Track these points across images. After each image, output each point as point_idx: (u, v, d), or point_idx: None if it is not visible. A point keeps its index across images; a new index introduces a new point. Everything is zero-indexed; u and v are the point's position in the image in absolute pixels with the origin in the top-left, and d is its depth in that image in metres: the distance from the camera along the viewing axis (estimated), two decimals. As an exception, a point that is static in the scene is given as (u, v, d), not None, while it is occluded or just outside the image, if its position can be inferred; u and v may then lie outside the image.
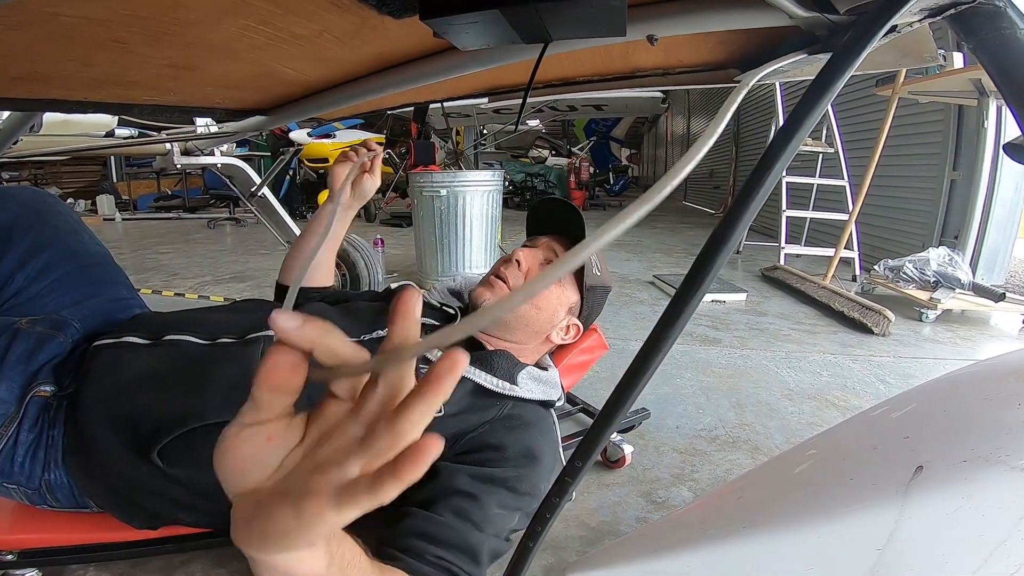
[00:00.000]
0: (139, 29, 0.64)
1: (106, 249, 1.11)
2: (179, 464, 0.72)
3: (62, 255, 1.01)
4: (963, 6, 0.54)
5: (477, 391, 0.82)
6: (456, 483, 0.71)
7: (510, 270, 0.95)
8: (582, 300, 1.00)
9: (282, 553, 0.29)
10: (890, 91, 2.99)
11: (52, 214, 1.05)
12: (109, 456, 0.73)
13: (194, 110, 1.16)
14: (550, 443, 0.84)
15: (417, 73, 0.91)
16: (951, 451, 0.56)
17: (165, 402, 0.74)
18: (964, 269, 2.82)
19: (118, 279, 1.08)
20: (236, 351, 0.79)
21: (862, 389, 1.80)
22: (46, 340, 0.83)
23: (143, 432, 0.72)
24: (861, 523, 0.58)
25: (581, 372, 1.48)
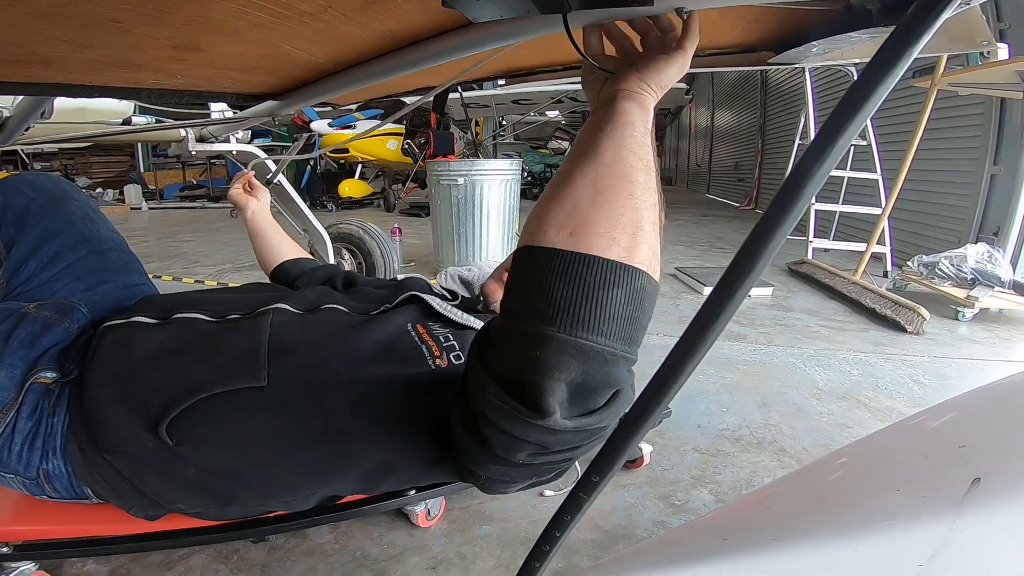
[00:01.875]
0: (132, 6, 0.61)
1: (120, 236, 1.11)
2: (188, 440, 0.70)
3: (75, 241, 1.00)
4: None
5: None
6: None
7: None
8: None
9: None
10: (928, 83, 2.86)
11: (66, 200, 1.05)
12: (116, 436, 0.71)
13: (205, 94, 1.13)
14: None
15: (429, 52, 0.86)
16: (1015, 462, 0.50)
17: (174, 375, 0.72)
18: (1004, 266, 2.69)
19: (131, 265, 1.08)
20: (246, 324, 0.78)
21: (895, 390, 1.72)
22: (51, 325, 0.82)
23: (153, 407, 0.70)
24: (906, 538, 0.52)
25: None
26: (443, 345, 0.75)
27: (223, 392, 0.69)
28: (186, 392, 0.69)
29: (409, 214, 6.51)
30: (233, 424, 0.70)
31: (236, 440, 0.71)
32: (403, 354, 0.73)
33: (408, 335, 0.77)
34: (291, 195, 1.83)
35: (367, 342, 0.74)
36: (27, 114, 1.27)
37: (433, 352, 0.74)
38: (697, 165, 12.36)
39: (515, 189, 3.00)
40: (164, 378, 0.72)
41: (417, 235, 4.71)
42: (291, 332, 0.76)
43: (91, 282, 0.99)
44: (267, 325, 0.77)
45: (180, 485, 0.74)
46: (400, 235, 3.55)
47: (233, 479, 0.74)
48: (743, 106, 8.83)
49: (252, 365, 0.71)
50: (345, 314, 0.83)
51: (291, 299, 0.85)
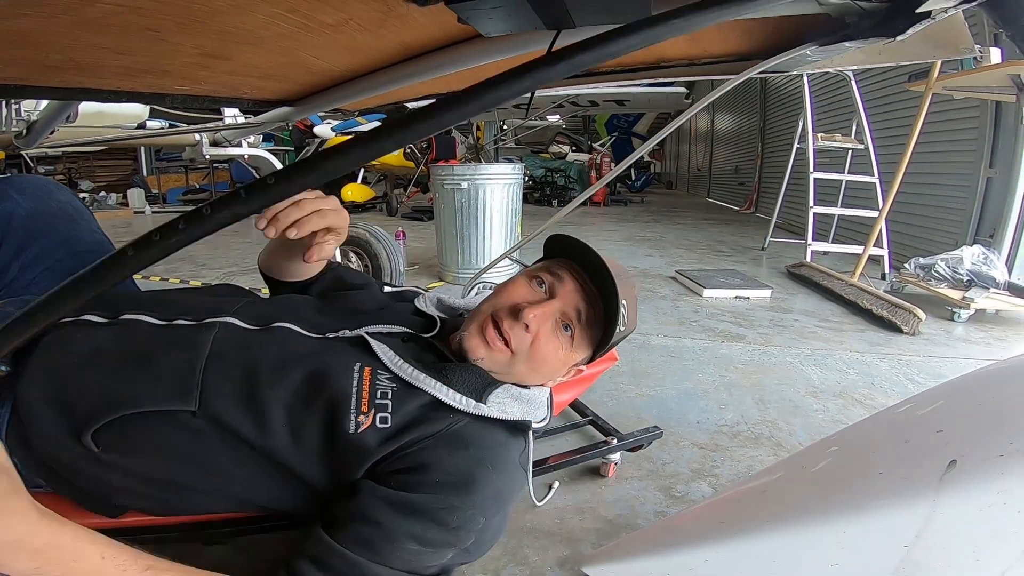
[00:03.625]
0: (172, 17, 0.65)
1: (103, 236, 1.10)
2: (113, 450, 0.70)
3: (56, 242, 1.00)
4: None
5: (433, 405, 0.73)
6: (368, 507, 0.64)
7: (515, 329, 0.78)
8: (593, 356, 0.86)
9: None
10: (923, 87, 2.90)
11: (51, 202, 1.04)
12: (45, 436, 0.70)
13: (223, 100, 1.18)
14: (501, 472, 0.72)
15: (440, 62, 0.91)
16: (987, 445, 0.54)
17: (103, 385, 0.70)
18: (999, 268, 2.73)
19: None
20: (188, 335, 0.75)
21: (890, 388, 1.76)
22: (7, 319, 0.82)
23: (78, 413, 0.69)
24: (889, 518, 0.56)
25: (585, 385, 1.38)
26: (375, 402, 0.70)
27: (152, 410, 0.68)
28: (113, 405, 0.68)
29: (412, 218, 6.55)
30: (159, 440, 0.69)
31: (162, 454, 0.70)
32: (332, 396, 0.70)
33: (348, 376, 0.72)
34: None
35: (300, 374, 0.71)
36: (53, 118, 1.32)
37: (361, 406, 0.69)
38: (698, 169, 12.42)
39: (517, 193, 3.05)
40: (93, 387, 0.70)
41: (420, 239, 4.75)
42: (230, 352, 0.73)
43: None
44: (208, 341, 0.73)
45: (110, 488, 0.74)
46: (404, 238, 3.59)
47: (162, 487, 0.74)
48: (743, 110, 8.88)
49: (184, 387, 0.69)
50: (295, 334, 0.78)
51: (246, 311, 0.80)
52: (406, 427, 0.70)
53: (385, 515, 0.63)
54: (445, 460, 0.68)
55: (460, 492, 0.67)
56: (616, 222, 6.41)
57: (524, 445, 0.80)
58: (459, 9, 0.52)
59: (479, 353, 0.78)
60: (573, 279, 0.82)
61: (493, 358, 0.79)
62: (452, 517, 0.65)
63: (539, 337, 0.78)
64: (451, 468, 0.68)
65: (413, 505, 0.64)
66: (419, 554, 0.64)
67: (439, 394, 0.72)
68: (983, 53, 2.54)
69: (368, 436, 0.68)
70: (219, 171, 9.43)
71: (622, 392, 1.66)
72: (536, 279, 0.83)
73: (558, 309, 0.80)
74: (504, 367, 0.79)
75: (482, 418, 0.74)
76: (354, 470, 0.68)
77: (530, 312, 0.77)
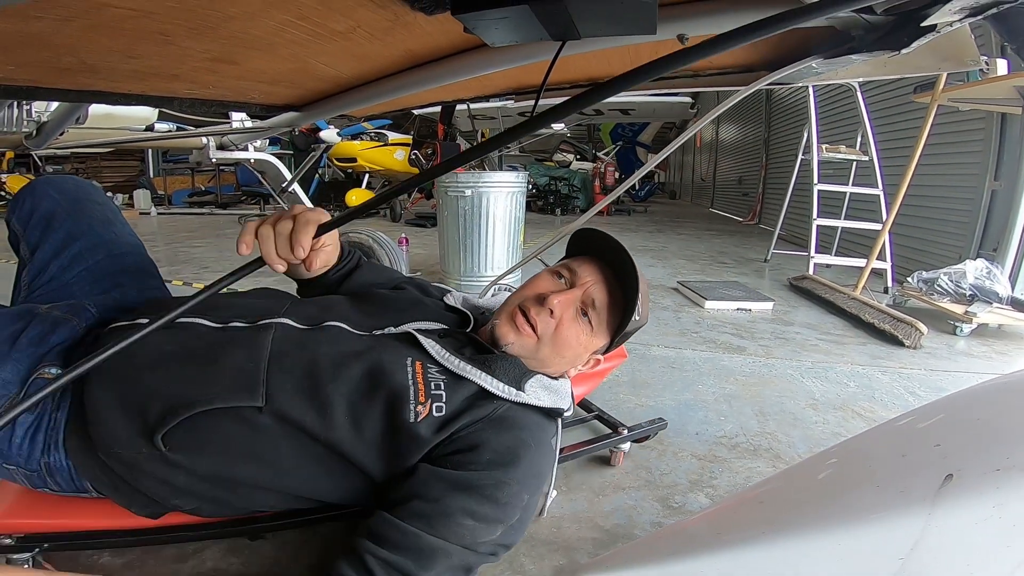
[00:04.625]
0: (183, 22, 0.66)
1: (139, 240, 1.14)
2: (181, 449, 0.73)
3: (94, 244, 1.04)
4: (1005, 5, 0.52)
5: (479, 393, 0.80)
6: (424, 485, 0.69)
7: (541, 316, 0.87)
8: (612, 344, 0.94)
9: None
10: (929, 98, 2.90)
11: (90, 204, 1.08)
12: (113, 438, 0.73)
13: (231, 104, 1.19)
14: (541, 452, 0.80)
15: (446, 70, 0.92)
16: (983, 460, 0.54)
17: (174, 386, 0.74)
18: (1002, 283, 2.73)
19: (146, 269, 1.10)
20: (246, 336, 0.79)
21: (890, 401, 1.76)
22: (60, 323, 0.84)
23: (151, 415, 0.72)
24: (885, 531, 0.56)
25: (597, 380, 1.47)
26: (431, 392, 0.76)
27: (221, 407, 0.72)
28: (185, 404, 0.71)
29: (415, 224, 6.57)
30: (227, 437, 0.73)
31: (228, 451, 0.74)
32: (391, 390, 0.75)
33: (404, 370, 0.77)
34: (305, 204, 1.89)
35: (360, 369, 0.76)
36: (63, 119, 1.34)
37: (419, 397, 0.75)
38: (701, 179, 12.43)
39: (521, 201, 3.05)
40: (163, 387, 0.73)
41: (423, 245, 4.77)
42: (290, 351, 0.77)
43: (106, 285, 1.02)
44: (268, 341, 0.78)
45: (172, 488, 0.77)
46: (407, 245, 3.60)
47: (224, 485, 0.77)
48: (748, 120, 8.89)
49: (251, 383, 0.73)
50: (346, 332, 0.83)
51: (294, 312, 0.85)
52: (457, 415, 0.76)
53: (441, 491, 0.68)
54: (494, 440, 0.75)
55: (508, 468, 0.73)
56: (619, 232, 6.41)
57: (556, 429, 0.87)
58: (465, 19, 0.53)
59: (510, 338, 0.87)
60: (593, 270, 0.91)
61: (522, 342, 0.87)
62: (501, 492, 0.71)
63: (563, 322, 0.87)
64: (499, 447, 0.74)
65: (468, 482, 0.70)
66: (473, 529, 0.68)
67: (485, 383, 0.79)
68: (989, 65, 2.55)
69: (426, 424, 0.73)
70: (225, 174, 9.50)
71: (622, 403, 1.66)
72: (557, 273, 0.92)
73: (578, 297, 0.89)
74: (532, 351, 0.88)
75: (521, 404, 0.81)
76: (411, 457, 0.74)
77: (554, 299, 0.86)
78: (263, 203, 7.68)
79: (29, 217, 1.04)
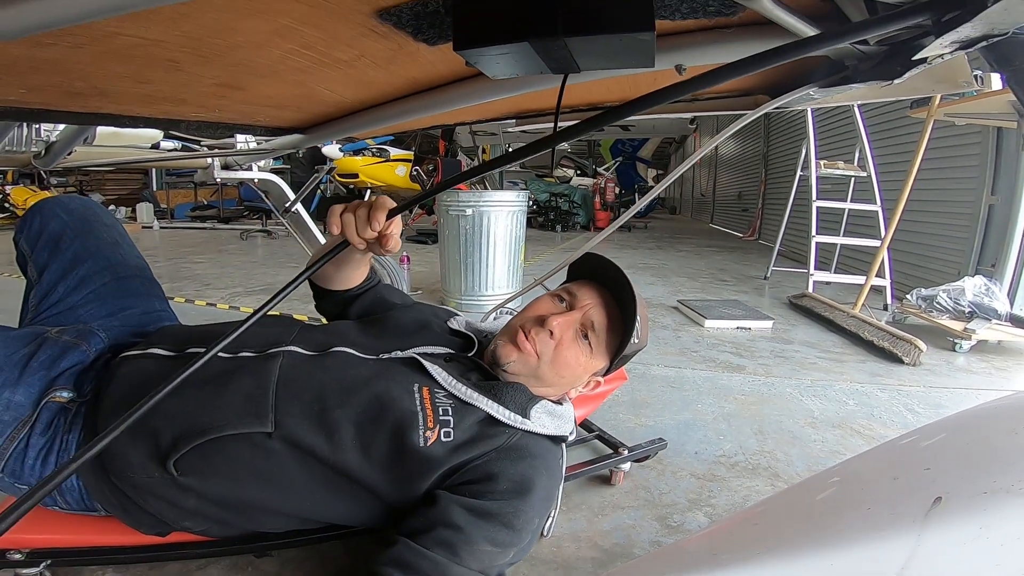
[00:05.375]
0: (192, 50, 0.68)
1: (145, 262, 1.15)
2: (192, 473, 0.75)
3: (101, 267, 1.05)
4: (995, 38, 0.54)
5: (488, 421, 0.82)
6: (447, 514, 0.71)
7: (541, 336, 0.89)
8: (611, 366, 0.96)
9: None
10: (925, 113, 2.92)
11: (98, 225, 1.10)
12: (125, 463, 0.75)
13: (237, 127, 1.22)
14: (551, 478, 0.82)
15: (447, 97, 0.95)
16: (972, 483, 0.55)
17: (185, 413, 0.76)
18: (1001, 299, 2.73)
19: (152, 292, 1.12)
20: (255, 364, 0.81)
21: (889, 419, 1.76)
22: (70, 348, 0.87)
23: (163, 441, 0.74)
24: (877, 552, 0.57)
25: (597, 402, 1.49)
26: (439, 418, 0.78)
27: (231, 434, 0.74)
28: (197, 431, 0.74)
29: (416, 241, 6.60)
30: (237, 462, 0.75)
31: (238, 476, 0.76)
32: (398, 416, 0.76)
33: (411, 396, 0.79)
34: (307, 223, 1.92)
35: (368, 394, 0.78)
36: (72, 139, 1.37)
37: (428, 422, 0.77)
38: (701, 194, 12.50)
39: (521, 220, 3.08)
40: (175, 414, 0.76)
41: (424, 263, 4.79)
42: (298, 377, 0.80)
43: (112, 308, 1.03)
44: (276, 368, 0.80)
45: (181, 511, 0.79)
46: (408, 263, 3.62)
47: (234, 508, 0.79)
48: (747, 136, 8.95)
49: (260, 410, 0.75)
50: (353, 357, 0.85)
51: (302, 339, 0.87)
52: (468, 442, 0.78)
53: (464, 520, 0.70)
54: (509, 469, 0.77)
55: (524, 496, 0.75)
56: (619, 249, 6.44)
57: (561, 453, 0.90)
58: (467, 55, 0.55)
59: (511, 357, 0.89)
60: (592, 294, 0.93)
61: (523, 361, 0.89)
62: (518, 520, 0.73)
63: (562, 343, 0.89)
64: (515, 476, 0.76)
65: (488, 510, 0.72)
66: (492, 555, 0.71)
67: (492, 411, 0.81)
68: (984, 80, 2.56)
69: (435, 449, 0.75)
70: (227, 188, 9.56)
71: (621, 422, 1.66)
72: (558, 297, 0.95)
73: (578, 319, 0.91)
74: (532, 370, 0.89)
75: (529, 432, 0.83)
76: (422, 481, 0.76)
77: (553, 320, 0.89)
78: (265, 218, 7.72)
79: (37, 238, 1.06)
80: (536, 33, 0.51)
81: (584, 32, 0.50)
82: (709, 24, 0.66)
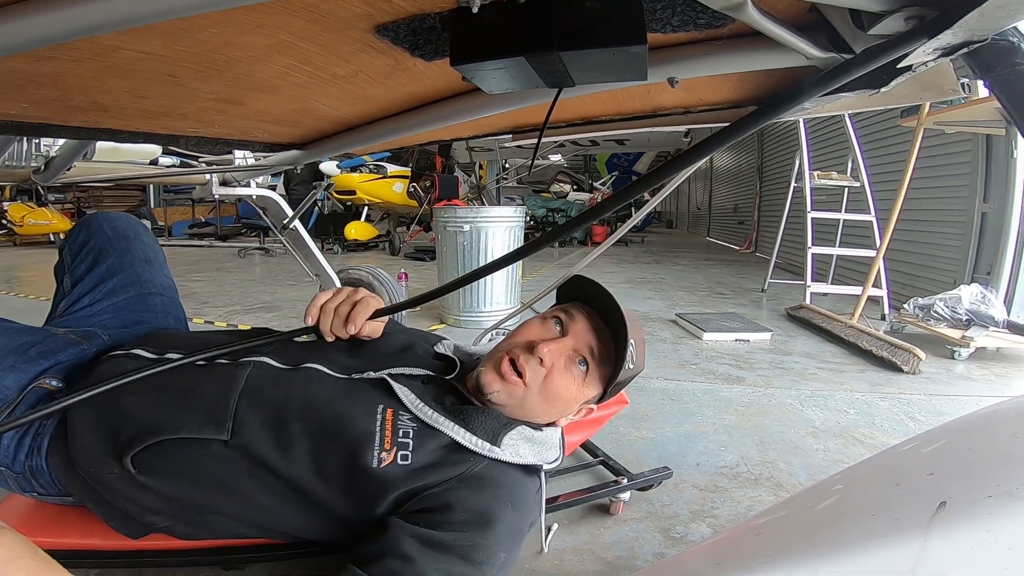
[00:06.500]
0: (191, 64, 0.69)
1: (171, 281, 1.19)
2: (149, 472, 0.75)
3: (128, 282, 1.09)
4: (976, 44, 0.55)
5: (452, 447, 0.77)
6: (398, 543, 0.66)
7: (530, 363, 0.82)
8: (605, 394, 0.90)
9: None
10: (915, 122, 2.95)
11: (136, 242, 1.14)
12: (87, 456, 0.77)
13: (236, 142, 1.23)
14: (519, 511, 0.76)
15: (445, 112, 0.95)
16: (976, 487, 0.55)
17: (147, 412, 0.77)
18: (997, 306, 2.74)
19: (169, 311, 1.15)
20: (225, 372, 0.82)
21: (890, 427, 1.76)
22: (71, 344, 0.90)
23: (121, 437, 0.75)
24: (882, 559, 0.57)
25: (596, 427, 1.42)
26: (398, 440, 0.74)
27: (187, 437, 0.74)
28: (153, 431, 0.74)
29: (414, 258, 6.61)
30: (194, 466, 0.75)
31: (195, 479, 0.76)
32: (354, 435, 0.74)
33: (373, 416, 0.77)
34: (305, 240, 1.91)
35: (328, 413, 0.76)
36: (72, 154, 1.38)
37: (384, 444, 0.74)
38: (697, 208, 12.58)
39: (519, 236, 3.08)
40: (137, 412, 0.77)
41: (422, 279, 4.79)
42: (264, 389, 0.79)
43: (127, 321, 1.06)
44: (243, 378, 0.80)
45: (142, 507, 0.79)
46: (406, 280, 3.62)
47: (192, 510, 0.79)
48: (741, 148, 9.03)
49: (219, 417, 0.75)
50: (323, 375, 0.83)
51: (278, 352, 0.86)
52: (428, 467, 0.74)
53: (415, 551, 0.66)
54: (469, 500, 0.72)
55: (484, 529, 0.70)
56: (617, 263, 6.45)
57: (539, 484, 0.84)
58: (463, 70, 0.56)
59: (495, 386, 0.82)
60: (585, 319, 0.87)
61: (508, 390, 0.82)
62: (478, 554, 0.68)
63: (553, 372, 0.83)
64: (475, 507, 0.71)
65: (441, 542, 0.67)
66: None
67: (457, 436, 0.77)
68: (971, 87, 2.58)
69: (390, 471, 0.72)
70: (225, 205, 9.59)
71: (622, 435, 1.66)
72: (550, 320, 0.88)
73: (570, 346, 0.84)
74: (518, 400, 0.83)
75: (497, 461, 0.78)
76: (377, 503, 0.72)
77: (544, 347, 0.82)
78: (263, 235, 7.73)
79: (80, 250, 1.10)
80: (532, 48, 0.52)
81: (579, 46, 0.51)
82: (700, 36, 0.67)
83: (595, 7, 0.49)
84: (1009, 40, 0.53)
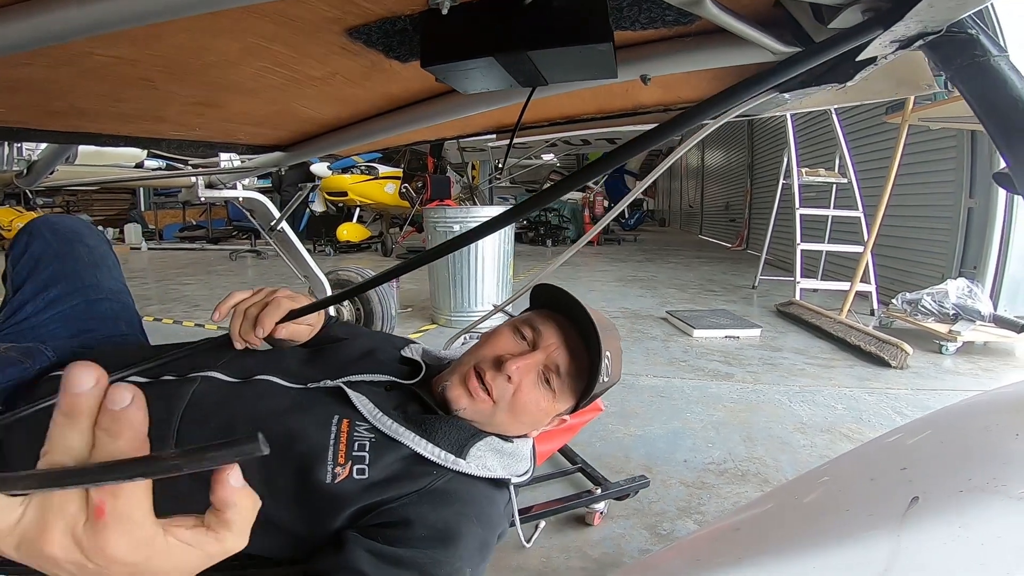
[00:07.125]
0: (165, 69, 0.69)
1: (123, 286, 1.12)
2: None
3: (73, 288, 1.03)
4: (931, 36, 0.55)
5: (414, 459, 0.73)
6: (352, 559, 0.62)
7: (497, 381, 0.78)
8: (577, 406, 0.85)
9: None
10: (900, 118, 2.98)
11: (79, 246, 1.08)
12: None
13: (218, 145, 1.22)
14: (485, 526, 0.72)
15: (426, 113, 0.95)
16: (948, 482, 0.55)
17: None
18: (984, 301, 2.77)
19: (120, 316, 1.08)
20: (170, 389, 0.77)
21: (877, 421, 1.77)
22: (11, 364, 0.84)
23: None
24: (856, 554, 0.57)
25: (569, 435, 1.39)
26: (353, 454, 0.70)
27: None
28: None
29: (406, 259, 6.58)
30: None
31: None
32: (306, 450, 0.70)
33: (327, 429, 0.72)
34: (293, 242, 1.90)
35: (278, 427, 0.72)
36: (53, 158, 1.36)
37: (338, 458, 0.70)
38: (689, 206, 12.61)
39: (510, 236, 3.09)
40: None
41: (414, 280, 4.77)
42: (207, 404, 0.75)
43: (74, 330, 1.00)
44: (188, 394, 0.75)
45: None
46: (397, 281, 3.62)
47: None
48: (732, 146, 9.07)
49: (160, 436, 0.71)
50: (276, 386, 0.79)
51: (229, 365, 0.82)
52: (386, 481, 0.70)
53: (370, 567, 0.62)
54: (429, 516, 0.68)
55: (447, 546, 0.66)
56: (609, 262, 6.47)
57: (508, 497, 0.79)
58: (435, 71, 0.56)
59: (461, 403, 0.78)
60: (556, 331, 0.83)
61: (475, 408, 0.78)
62: (439, 570, 0.64)
63: (521, 388, 0.79)
64: (436, 523, 0.67)
65: (399, 558, 0.63)
66: None
67: (418, 448, 0.72)
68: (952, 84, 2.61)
69: (345, 486, 0.68)
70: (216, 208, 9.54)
71: (611, 433, 1.66)
72: (520, 331, 0.84)
73: (540, 361, 0.80)
74: (486, 417, 0.79)
75: (462, 474, 0.74)
76: (332, 519, 0.68)
77: (512, 364, 0.78)
78: (254, 238, 7.70)
79: (20, 257, 1.04)
80: (501, 48, 0.52)
81: (545, 45, 0.51)
82: (669, 34, 0.68)
83: (561, 6, 0.50)
84: (967, 33, 0.53)
